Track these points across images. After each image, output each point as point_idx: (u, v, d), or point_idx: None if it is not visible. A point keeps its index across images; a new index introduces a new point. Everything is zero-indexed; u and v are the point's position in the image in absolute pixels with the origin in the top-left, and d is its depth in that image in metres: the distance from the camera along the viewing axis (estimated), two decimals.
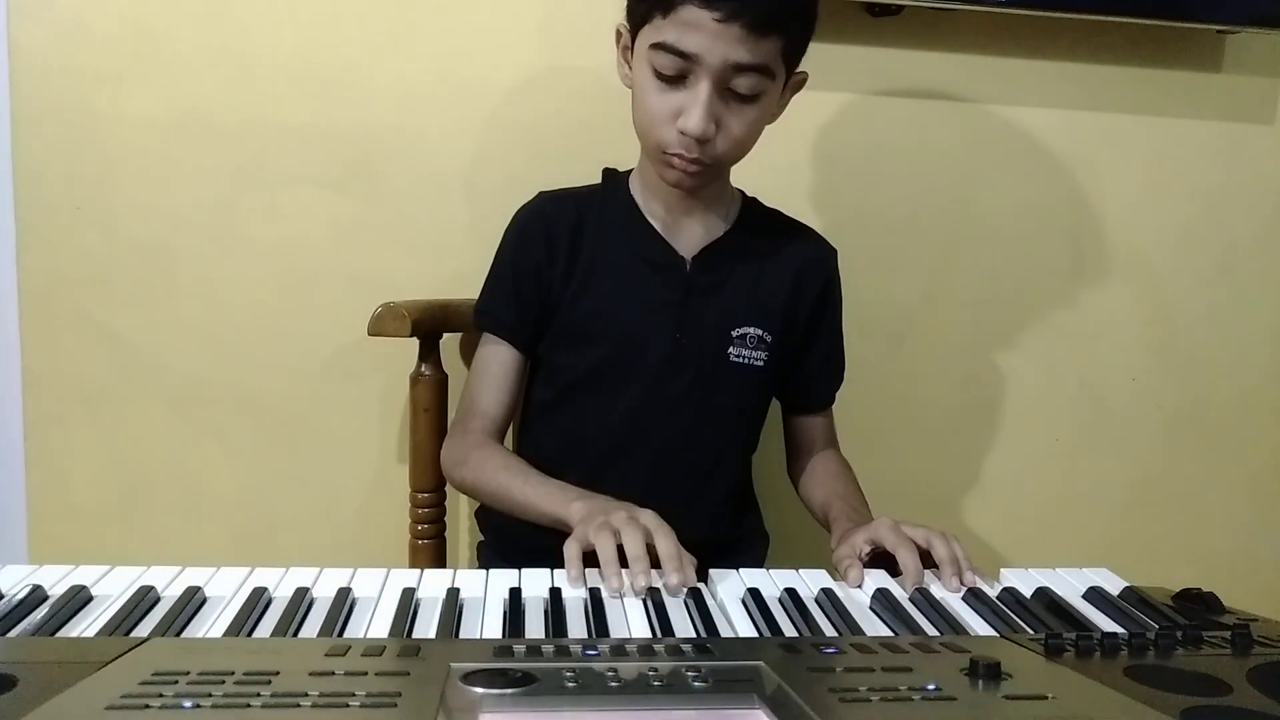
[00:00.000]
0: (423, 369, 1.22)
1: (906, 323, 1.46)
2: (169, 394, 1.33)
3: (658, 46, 0.96)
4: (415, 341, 1.21)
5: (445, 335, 1.25)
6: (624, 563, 0.80)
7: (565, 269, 1.10)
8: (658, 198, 1.10)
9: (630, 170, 1.14)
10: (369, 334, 1.17)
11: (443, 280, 1.31)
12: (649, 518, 0.85)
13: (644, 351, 1.08)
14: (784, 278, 1.12)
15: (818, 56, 1.36)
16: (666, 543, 0.82)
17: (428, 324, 1.20)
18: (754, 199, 1.17)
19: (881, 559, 0.90)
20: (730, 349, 1.10)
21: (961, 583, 0.84)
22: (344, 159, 1.32)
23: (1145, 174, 1.48)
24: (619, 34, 1.05)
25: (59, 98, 1.27)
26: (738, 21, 0.92)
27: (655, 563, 0.80)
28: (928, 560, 0.87)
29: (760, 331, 1.10)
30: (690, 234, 1.11)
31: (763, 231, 1.14)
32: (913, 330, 1.46)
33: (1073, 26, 1.38)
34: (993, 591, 0.83)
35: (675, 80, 0.97)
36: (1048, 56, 1.42)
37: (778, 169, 1.39)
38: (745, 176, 1.15)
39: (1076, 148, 1.46)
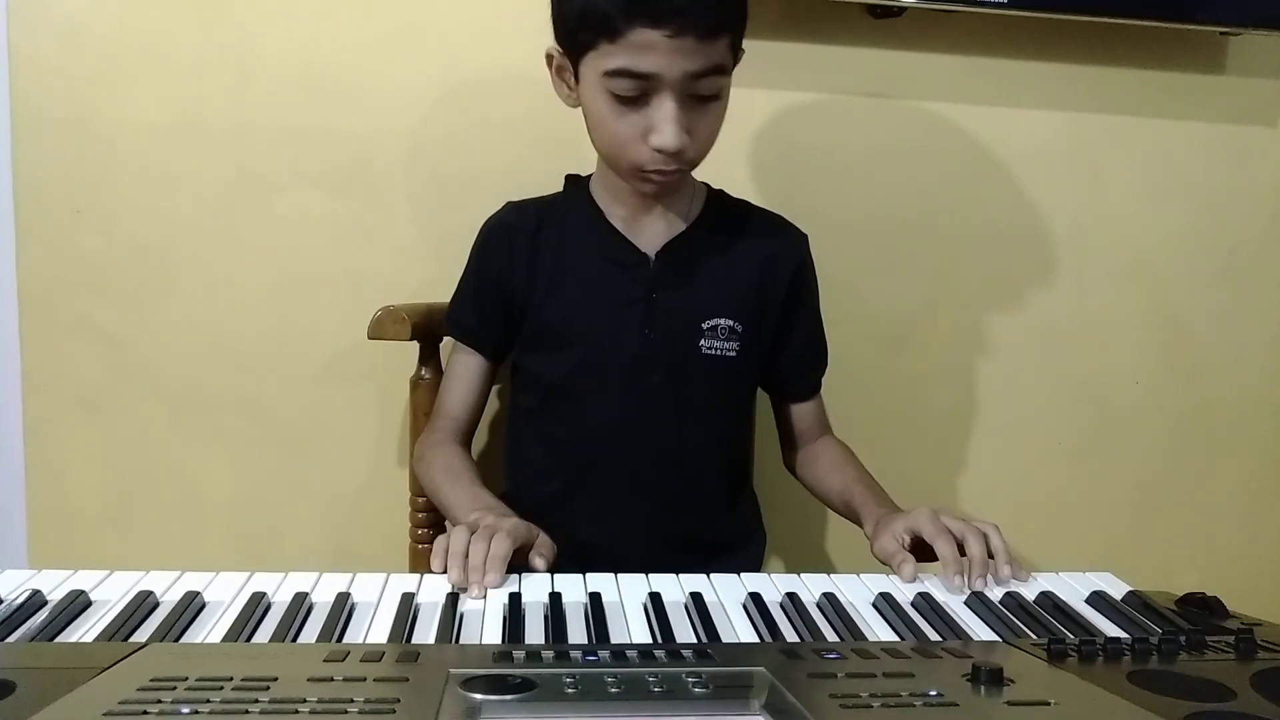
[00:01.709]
0: (422, 373, 1.22)
1: (909, 326, 1.46)
2: (168, 397, 1.33)
3: (613, 73, 0.94)
4: (415, 345, 1.21)
5: (445, 339, 1.24)
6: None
7: (528, 275, 1.10)
8: (619, 199, 1.10)
9: (591, 174, 1.14)
10: (368, 337, 1.17)
11: (442, 284, 1.30)
12: (509, 527, 0.85)
13: (615, 351, 1.08)
14: (753, 266, 1.12)
15: (819, 58, 1.37)
16: (490, 548, 0.82)
17: (427, 327, 1.20)
18: (720, 191, 1.16)
19: (917, 546, 0.91)
20: (701, 341, 1.09)
21: (996, 580, 0.84)
22: (343, 162, 1.32)
23: (1148, 176, 1.47)
24: (550, 57, 1.03)
25: (58, 100, 1.27)
26: (690, 34, 0.91)
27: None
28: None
29: (731, 322, 1.10)
30: (653, 231, 1.10)
31: (729, 222, 1.13)
32: (915, 333, 1.46)
33: (1075, 28, 1.38)
34: (995, 596, 0.82)
35: (636, 100, 0.96)
36: (1050, 58, 1.42)
37: (778, 171, 1.39)
38: (743, 178, 1.15)
39: (1079, 150, 1.45)
